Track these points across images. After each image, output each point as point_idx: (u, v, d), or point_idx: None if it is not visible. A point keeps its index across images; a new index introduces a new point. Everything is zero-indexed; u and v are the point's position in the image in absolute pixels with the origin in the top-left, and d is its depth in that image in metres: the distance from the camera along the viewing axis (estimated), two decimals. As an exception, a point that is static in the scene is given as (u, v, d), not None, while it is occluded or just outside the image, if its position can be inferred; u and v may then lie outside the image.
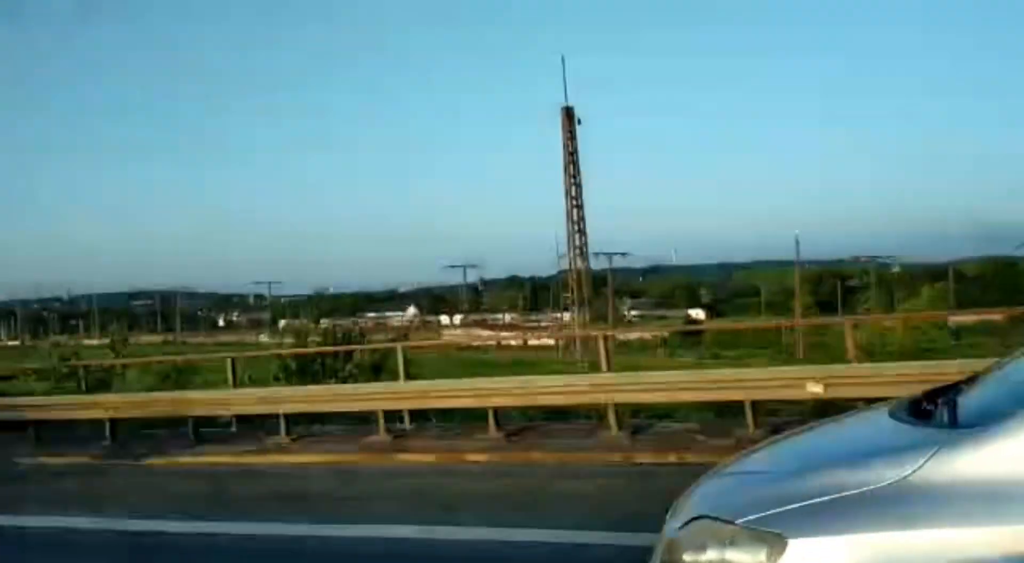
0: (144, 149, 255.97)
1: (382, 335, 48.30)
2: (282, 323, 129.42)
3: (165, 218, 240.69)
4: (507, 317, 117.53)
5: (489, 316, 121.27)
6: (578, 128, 45.62)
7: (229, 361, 13.19)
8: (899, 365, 10.28)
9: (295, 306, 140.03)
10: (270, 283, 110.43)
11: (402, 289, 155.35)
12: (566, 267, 47.64)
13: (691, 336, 57.36)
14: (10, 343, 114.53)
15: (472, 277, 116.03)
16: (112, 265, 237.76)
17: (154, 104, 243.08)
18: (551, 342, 56.68)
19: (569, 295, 46.14)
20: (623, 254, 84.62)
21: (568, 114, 45.60)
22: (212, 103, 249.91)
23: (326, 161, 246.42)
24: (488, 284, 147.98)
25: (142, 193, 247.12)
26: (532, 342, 62.35)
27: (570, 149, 46.08)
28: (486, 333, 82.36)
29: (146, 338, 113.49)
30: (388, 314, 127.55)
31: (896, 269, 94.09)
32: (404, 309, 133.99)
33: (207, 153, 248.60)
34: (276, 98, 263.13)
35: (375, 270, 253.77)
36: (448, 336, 79.44)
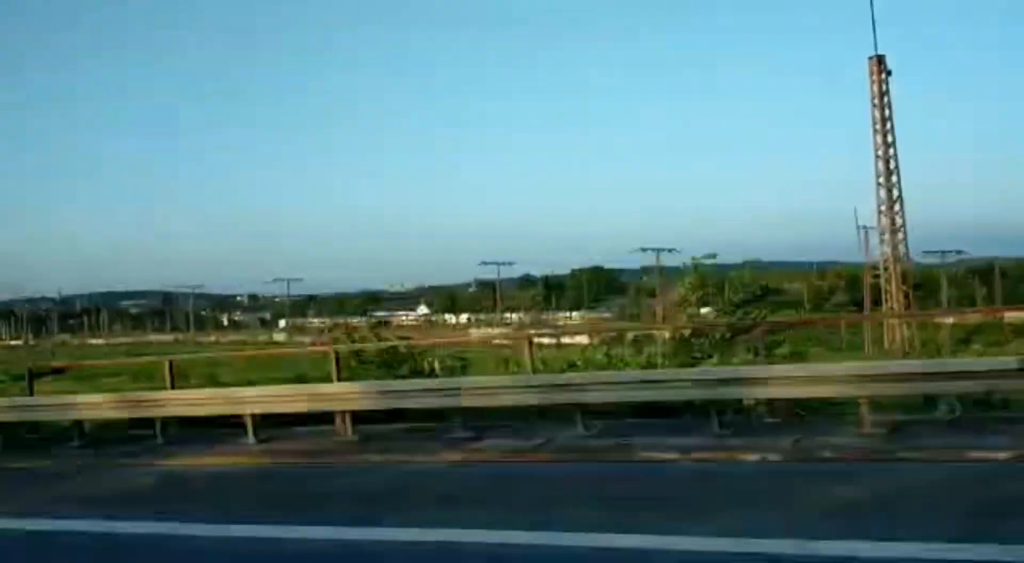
0: (143, 148, 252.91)
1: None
2: (281, 322, 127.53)
3: (155, 219, 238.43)
4: (514, 316, 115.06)
5: (497, 315, 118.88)
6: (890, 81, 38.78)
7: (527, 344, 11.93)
8: None
9: (300, 306, 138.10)
10: (288, 280, 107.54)
11: (393, 288, 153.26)
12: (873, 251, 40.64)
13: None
14: (12, 342, 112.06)
15: (506, 274, 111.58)
16: (98, 265, 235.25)
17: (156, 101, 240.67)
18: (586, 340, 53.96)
19: (884, 277, 39.13)
20: (670, 250, 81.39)
21: (879, 62, 38.66)
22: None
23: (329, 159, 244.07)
24: (489, 284, 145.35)
25: (131, 193, 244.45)
26: (566, 340, 59.47)
27: (881, 105, 38.26)
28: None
29: (155, 337, 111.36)
30: (398, 313, 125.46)
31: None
32: (414, 308, 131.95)
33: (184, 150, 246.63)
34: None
35: (388, 270, 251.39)
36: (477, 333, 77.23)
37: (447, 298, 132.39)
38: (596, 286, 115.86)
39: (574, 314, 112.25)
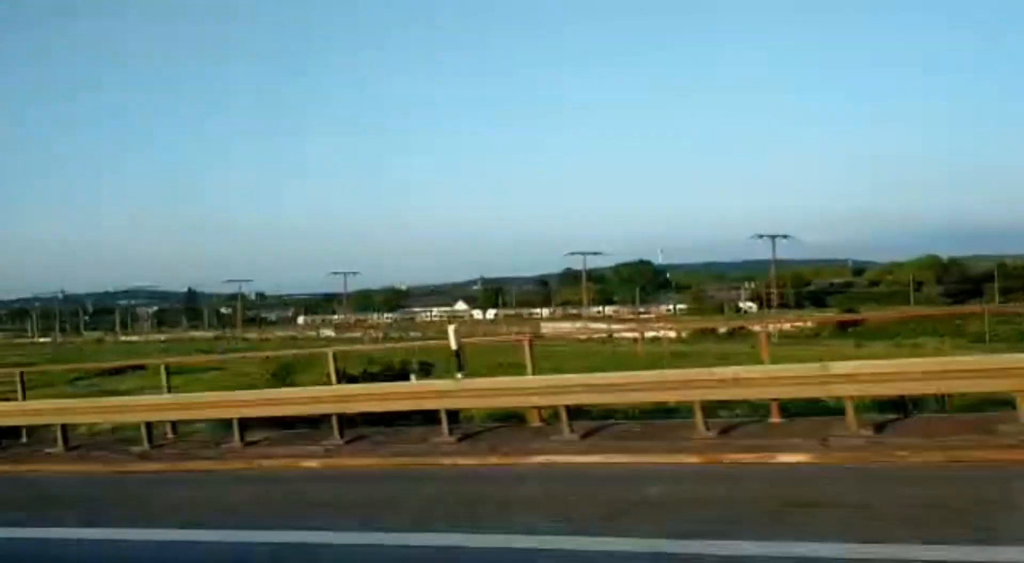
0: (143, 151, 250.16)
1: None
2: (300, 319, 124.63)
3: (148, 220, 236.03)
4: (542, 312, 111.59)
5: (524, 310, 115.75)
6: None
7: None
8: None
9: (315, 304, 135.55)
10: (345, 274, 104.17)
11: (396, 288, 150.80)
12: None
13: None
14: (39, 340, 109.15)
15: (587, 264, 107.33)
16: (94, 266, 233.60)
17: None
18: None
19: None
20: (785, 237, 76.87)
21: None
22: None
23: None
24: (490, 282, 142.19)
25: (130, 193, 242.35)
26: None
27: None
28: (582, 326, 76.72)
29: (197, 334, 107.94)
30: (434, 310, 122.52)
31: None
32: (451, 304, 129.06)
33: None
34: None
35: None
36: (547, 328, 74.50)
37: (487, 294, 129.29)
38: (643, 280, 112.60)
39: (606, 309, 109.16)
